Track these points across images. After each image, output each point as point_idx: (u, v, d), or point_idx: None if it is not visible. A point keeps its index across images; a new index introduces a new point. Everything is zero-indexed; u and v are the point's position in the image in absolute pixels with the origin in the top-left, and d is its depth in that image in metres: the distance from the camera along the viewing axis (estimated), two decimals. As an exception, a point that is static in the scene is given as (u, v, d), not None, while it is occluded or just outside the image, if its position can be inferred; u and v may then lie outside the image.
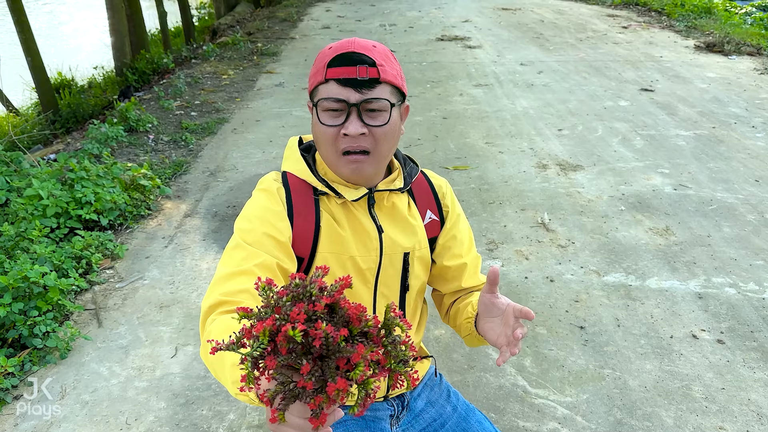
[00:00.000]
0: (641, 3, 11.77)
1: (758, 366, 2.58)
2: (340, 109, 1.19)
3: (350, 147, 1.21)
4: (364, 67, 1.17)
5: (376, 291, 1.37)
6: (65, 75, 9.91)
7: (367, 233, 1.32)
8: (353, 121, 1.18)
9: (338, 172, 1.27)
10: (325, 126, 1.20)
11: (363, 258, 1.32)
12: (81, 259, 3.26)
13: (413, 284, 1.43)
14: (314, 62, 1.26)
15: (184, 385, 2.51)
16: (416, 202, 1.42)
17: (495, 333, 1.21)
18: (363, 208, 1.33)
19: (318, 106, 1.21)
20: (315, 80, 1.23)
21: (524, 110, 5.82)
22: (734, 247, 3.47)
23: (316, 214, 1.29)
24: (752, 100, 6.07)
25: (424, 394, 1.59)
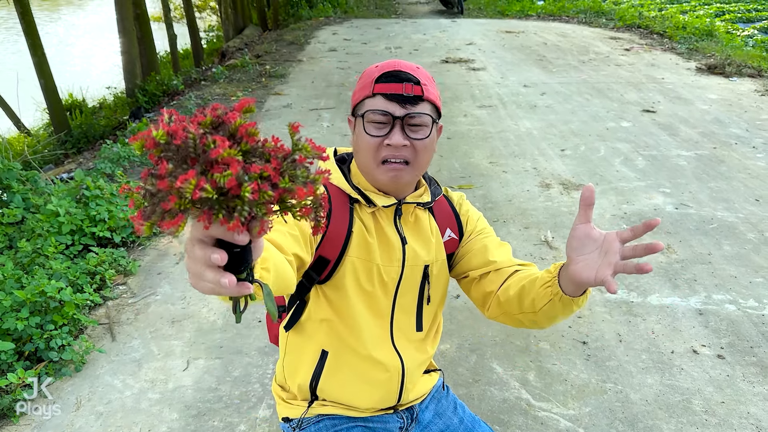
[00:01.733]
0: (643, 26, 11.94)
1: (757, 380, 2.63)
2: (385, 121, 1.26)
3: (391, 156, 1.27)
4: (410, 84, 1.26)
5: (395, 302, 1.43)
6: (76, 96, 10.11)
7: (391, 244, 1.38)
8: (396, 133, 1.26)
9: (376, 180, 1.32)
10: (370, 136, 1.27)
11: (386, 267, 1.38)
12: (95, 274, 3.35)
13: (432, 296, 1.48)
14: (360, 79, 1.35)
15: (195, 397, 2.57)
16: (437, 221, 1.48)
17: (592, 268, 1.09)
18: (389, 219, 1.39)
19: (364, 117, 1.28)
20: (361, 94, 1.31)
21: (527, 131, 5.92)
22: (734, 264, 3.53)
23: (350, 220, 1.34)
24: (753, 121, 6.15)
25: (432, 407, 1.64)
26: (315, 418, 1.49)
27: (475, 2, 16.99)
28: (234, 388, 2.63)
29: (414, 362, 1.48)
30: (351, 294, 1.36)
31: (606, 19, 13.18)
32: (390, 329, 1.44)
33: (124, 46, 8.05)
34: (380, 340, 1.43)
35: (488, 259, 1.44)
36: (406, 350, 1.47)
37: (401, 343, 1.46)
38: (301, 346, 1.47)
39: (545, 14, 14.33)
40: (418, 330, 1.50)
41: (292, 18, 14.25)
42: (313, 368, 1.45)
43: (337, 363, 1.43)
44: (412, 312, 1.47)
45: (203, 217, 0.58)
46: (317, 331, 1.43)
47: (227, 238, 0.64)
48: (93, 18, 22.44)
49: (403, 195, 1.39)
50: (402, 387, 1.47)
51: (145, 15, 8.71)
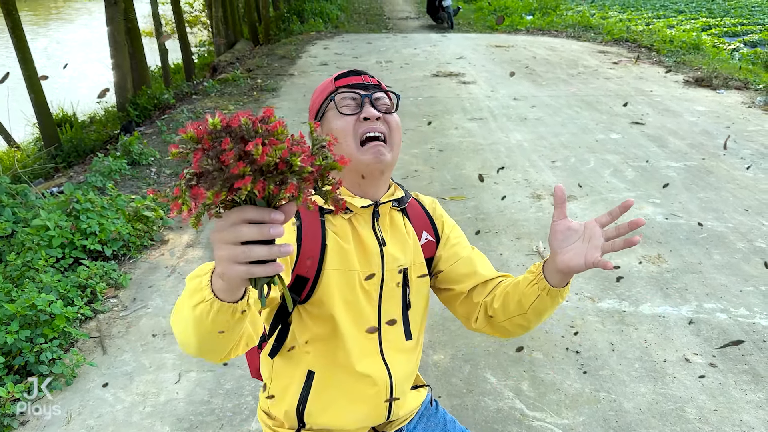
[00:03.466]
0: (631, 40, 12.08)
1: (750, 388, 2.64)
2: (354, 103, 1.31)
3: (369, 130, 1.29)
4: (367, 76, 1.36)
5: (380, 307, 1.39)
6: (66, 111, 10.08)
7: (369, 248, 1.35)
8: (368, 107, 1.30)
9: (360, 162, 1.29)
10: (345, 115, 1.30)
11: (366, 273, 1.35)
12: (86, 287, 3.32)
13: (414, 302, 1.44)
14: (316, 91, 1.40)
15: (187, 410, 2.55)
16: (412, 223, 1.46)
17: (580, 255, 1.15)
18: (367, 222, 1.36)
19: (335, 101, 1.31)
20: (323, 95, 1.35)
21: (518, 143, 5.96)
22: (725, 273, 3.56)
23: (322, 233, 1.31)
24: (740, 133, 6.22)
25: (421, 425, 1.59)
26: None
27: (465, 17, 17.15)
28: (226, 400, 2.61)
29: (401, 374, 1.44)
30: (335, 307, 1.32)
31: (594, 33, 13.33)
32: (378, 340, 1.40)
33: (115, 61, 8.05)
34: (368, 352, 1.38)
35: (476, 272, 1.44)
36: (395, 362, 1.42)
37: (390, 354, 1.41)
38: (286, 370, 1.41)
39: (534, 29, 14.47)
40: (408, 339, 1.45)
41: (283, 33, 14.31)
42: (300, 391, 1.39)
43: (325, 383, 1.38)
44: (399, 320, 1.43)
45: (258, 186, 0.68)
46: (303, 353, 1.37)
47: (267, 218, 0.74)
48: (83, 33, 22.45)
49: (378, 195, 1.37)
50: (391, 402, 1.42)
51: (136, 30, 8.72)
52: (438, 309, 3.27)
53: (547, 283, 1.25)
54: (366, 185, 1.34)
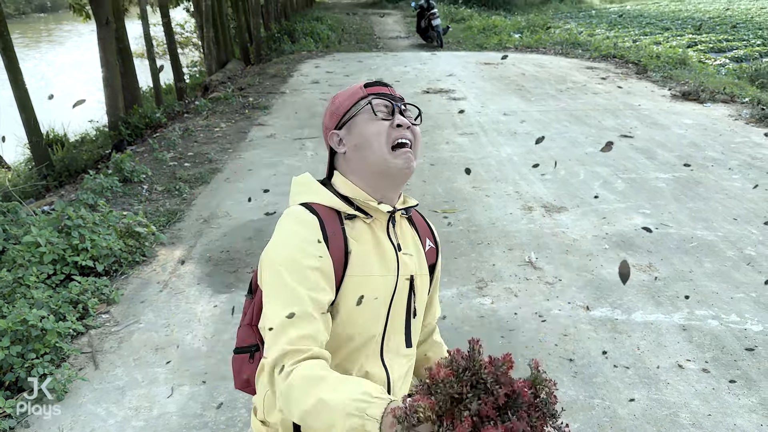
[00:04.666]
0: (618, 56, 12.24)
1: (742, 393, 2.65)
2: (387, 110, 1.35)
3: (401, 137, 1.32)
4: (393, 89, 1.40)
5: (388, 315, 1.39)
6: (57, 131, 10.08)
7: (387, 253, 1.37)
8: (399, 115, 1.34)
9: (391, 166, 1.33)
10: (381, 120, 1.32)
11: (384, 278, 1.35)
12: (78, 303, 3.31)
13: (418, 309, 1.46)
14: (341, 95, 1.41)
15: (181, 423, 2.53)
16: (417, 231, 1.50)
17: None
18: (383, 228, 1.39)
19: (372, 105, 1.34)
20: (352, 100, 1.37)
21: (508, 156, 6.00)
22: (715, 281, 3.58)
23: (345, 241, 1.32)
24: (728, 144, 6.30)
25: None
26: None
27: (454, 36, 17.33)
28: (219, 414, 2.59)
29: (400, 378, 1.45)
30: (347, 314, 1.32)
31: (582, 50, 13.50)
32: (381, 345, 1.40)
33: (107, 80, 8.07)
34: (369, 355, 1.38)
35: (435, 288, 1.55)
36: (394, 365, 1.42)
37: (389, 358, 1.41)
38: None
39: (523, 46, 14.64)
40: (408, 346, 1.46)
41: (275, 52, 14.41)
42: None
43: None
44: (402, 327, 1.44)
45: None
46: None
47: None
48: (75, 54, 22.52)
49: (394, 201, 1.40)
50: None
51: (127, 50, 8.76)
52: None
53: None
54: (386, 189, 1.37)
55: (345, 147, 1.37)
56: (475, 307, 3.36)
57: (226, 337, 3.13)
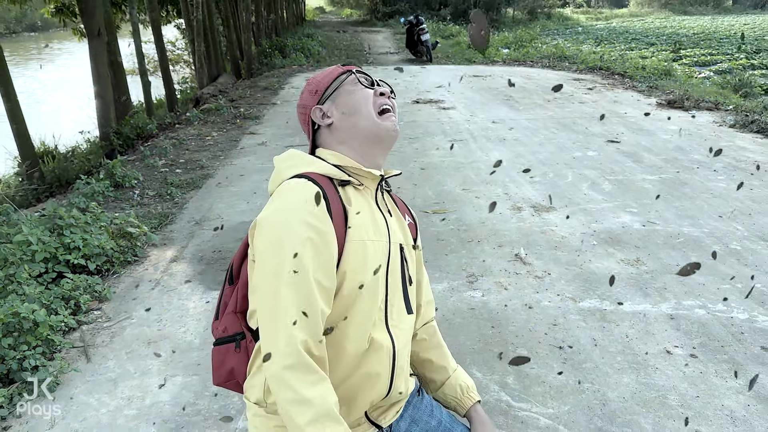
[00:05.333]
0: (605, 68, 12.42)
1: (730, 376, 2.69)
2: (368, 82, 1.45)
3: (385, 103, 1.41)
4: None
5: (387, 279, 1.40)
6: (48, 144, 10.07)
7: (377, 219, 1.40)
8: (380, 85, 1.45)
9: (380, 128, 1.39)
10: (366, 87, 1.42)
11: (376, 243, 1.37)
12: (70, 299, 3.31)
13: (413, 277, 1.50)
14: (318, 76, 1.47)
15: (174, 412, 2.54)
16: (397, 205, 1.53)
17: None
18: (372, 196, 1.42)
19: (357, 75, 1.44)
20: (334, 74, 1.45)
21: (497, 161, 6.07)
22: (702, 274, 3.63)
23: (342, 206, 1.33)
24: (713, 148, 6.39)
25: (407, 414, 1.60)
26: None
27: (443, 52, 17.53)
28: (213, 402, 2.60)
29: (404, 345, 1.46)
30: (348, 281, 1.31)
31: (569, 62, 13.70)
32: (385, 313, 1.41)
33: (98, 92, 8.11)
34: (375, 323, 1.38)
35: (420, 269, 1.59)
36: (398, 333, 1.44)
37: (393, 326, 1.42)
38: None
39: (510, 60, 14.83)
40: (409, 313, 1.48)
41: (266, 67, 14.52)
42: None
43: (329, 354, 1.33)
44: (401, 294, 1.46)
45: None
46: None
47: None
48: (66, 72, 22.55)
49: (381, 166, 1.46)
50: (393, 371, 1.42)
51: (119, 62, 8.83)
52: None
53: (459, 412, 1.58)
54: (375, 155, 1.42)
55: (331, 118, 1.41)
56: (466, 300, 3.40)
57: (219, 330, 3.13)
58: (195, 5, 11.89)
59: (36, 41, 36.00)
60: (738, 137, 6.93)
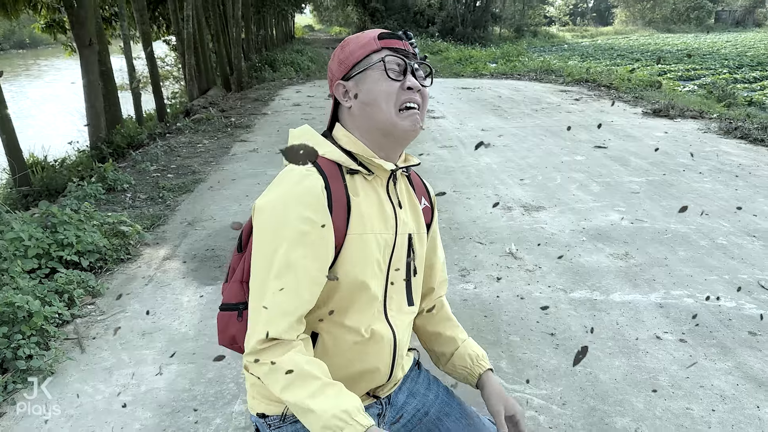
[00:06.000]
0: (591, 80, 12.61)
1: (719, 359, 2.74)
2: (399, 69, 1.30)
3: (410, 100, 1.28)
4: (408, 42, 1.33)
5: (388, 273, 1.39)
6: (37, 156, 10.04)
7: (386, 210, 1.36)
8: (411, 78, 1.29)
9: (398, 127, 1.30)
10: (392, 80, 1.28)
11: (382, 236, 1.35)
12: (63, 293, 3.31)
13: (418, 268, 1.47)
14: (351, 42, 1.34)
15: (169, 397, 2.54)
16: (414, 189, 1.50)
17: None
18: (383, 185, 1.38)
19: (385, 63, 1.28)
20: (364, 51, 1.31)
21: (487, 165, 6.15)
22: (690, 266, 3.70)
23: (347, 196, 1.31)
24: (698, 153, 6.52)
25: (405, 387, 1.61)
26: (292, 418, 1.41)
27: (431, 65, 17.71)
28: (208, 387, 2.61)
29: (404, 336, 1.46)
30: (351, 273, 1.30)
31: (556, 75, 13.90)
32: (384, 304, 1.40)
33: (89, 101, 8.12)
34: (375, 314, 1.38)
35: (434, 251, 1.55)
36: (399, 323, 1.43)
37: (393, 317, 1.42)
38: None
39: (498, 73, 15.02)
40: (410, 305, 1.48)
41: (256, 80, 14.61)
42: None
43: (330, 344, 1.36)
44: (402, 285, 1.45)
45: None
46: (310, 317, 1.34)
47: None
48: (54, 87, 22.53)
49: (396, 160, 1.39)
50: (394, 361, 1.43)
51: (110, 72, 8.85)
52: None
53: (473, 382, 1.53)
54: (389, 148, 1.34)
55: (351, 101, 1.33)
56: (459, 292, 3.43)
57: (214, 321, 3.15)
58: (185, 19, 11.98)
59: (24, 58, 35.97)
60: (722, 143, 7.06)
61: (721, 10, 56.96)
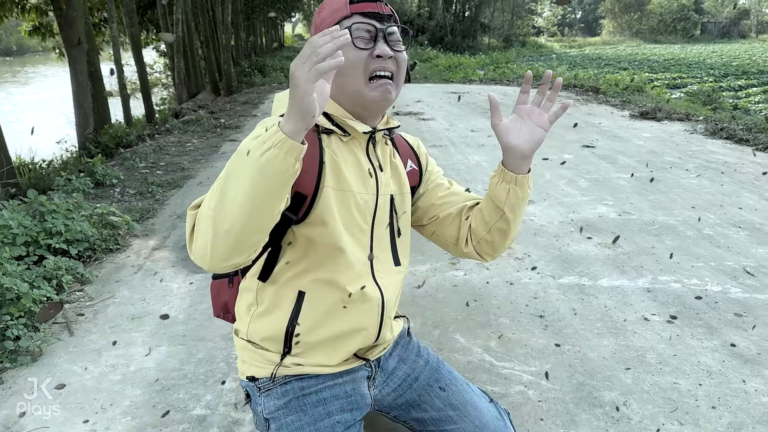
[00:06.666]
0: (579, 85, 12.73)
1: (706, 338, 2.77)
2: (368, 36, 1.27)
3: (379, 69, 1.26)
4: (382, 4, 1.30)
5: (372, 233, 1.40)
6: (24, 158, 9.98)
7: (365, 171, 1.36)
8: (382, 44, 1.26)
9: (366, 98, 1.29)
10: (358, 49, 1.25)
11: (362, 195, 1.35)
12: (52, 279, 3.29)
13: (403, 229, 1.49)
14: (324, 8, 1.33)
15: (159, 376, 2.53)
16: (398, 152, 1.51)
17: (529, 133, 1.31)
18: (362, 147, 1.38)
19: (351, 31, 1.25)
20: (336, 16, 1.29)
21: (477, 163, 6.19)
22: (677, 254, 3.74)
23: (320, 150, 1.30)
24: (685, 152, 6.59)
25: (396, 353, 1.65)
26: (282, 379, 1.44)
27: (421, 73, 17.82)
28: (199, 367, 2.60)
29: (392, 296, 1.46)
30: (331, 227, 1.31)
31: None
32: (370, 264, 1.41)
33: (77, 101, 8.10)
34: (361, 274, 1.38)
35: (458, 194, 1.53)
36: (387, 284, 1.44)
37: (381, 277, 1.43)
38: (275, 293, 1.39)
39: (487, 80, 15.13)
40: (396, 265, 1.49)
41: (245, 85, 14.62)
42: (290, 313, 1.37)
43: (316, 303, 1.37)
44: (388, 246, 1.46)
45: None
46: (294, 274, 1.36)
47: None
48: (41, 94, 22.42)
49: (375, 123, 1.39)
50: (382, 322, 1.44)
51: (98, 72, 8.83)
52: (407, 283, 3.35)
53: (512, 173, 1.36)
54: (363, 116, 1.34)
55: None
56: (449, 278, 3.45)
57: (204, 306, 3.14)
58: (175, 22, 11.99)
59: (11, 65, 35.80)
60: (708, 143, 7.15)
61: (707, 21, 57.76)
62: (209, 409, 2.30)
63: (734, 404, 2.28)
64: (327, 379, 1.45)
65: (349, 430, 1.48)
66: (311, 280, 1.35)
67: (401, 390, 1.62)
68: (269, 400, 1.45)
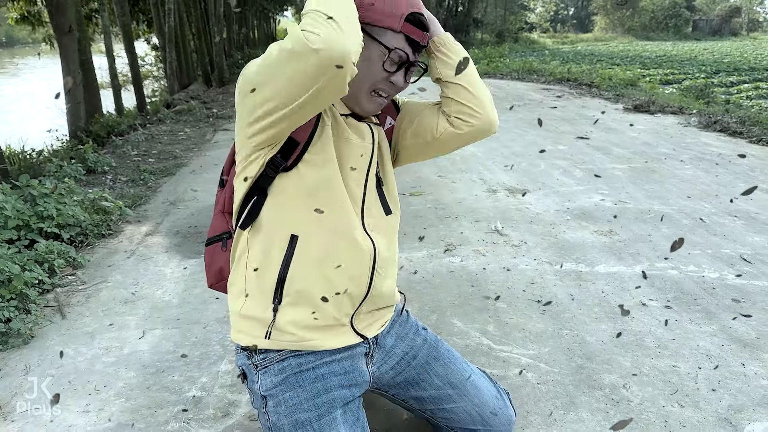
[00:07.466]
0: (572, 79, 12.73)
1: (704, 322, 2.76)
2: (397, 64, 1.34)
3: (385, 90, 1.37)
4: (426, 35, 1.38)
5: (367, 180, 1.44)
6: (14, 148, 9.87)
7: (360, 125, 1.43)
8: (401, 75, 1.36)
9: (361, 104, 1.39)
10: (384, 71, 1.33)
11: (360, 143, 1.41)
12: (44, 262, 3.24)
13: (385, 180, 1.53)
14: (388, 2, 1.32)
15: (153, 359, 2.50)
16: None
17: None
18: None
19: (390, 53, 1.32)
20: (388, 23, 1.31)
21: (472, 153, 6.16)
22: (673, 241, 3.72)
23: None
24: (679, 143, 6.60)
25: (393, 331, 1.64)
26: (278, 356, 1.43)
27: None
28: (194, 349, 2.57)
29: (384, 248, 1.47)
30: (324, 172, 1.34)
31: (537, 75, 14.00)
32: (361, 213, 1.43)
33: (68, 89, 8.01)
34: (353, 223, 1.40)
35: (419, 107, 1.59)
36: (378, 237, 1.45)
37: (371, 227, 1.45)
38: (265, 239, 1.39)
39: (481, 72, 15.10)
40: (388, 213, 1.51)
41: (237, 76, 14.53)
42: (282, 258, 1.37)
43: (309, 246, 1.36)
44: (376, 195, 1.49)
45: None
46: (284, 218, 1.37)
47: None
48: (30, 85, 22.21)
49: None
50: (373, 271, 1.44)
51: (90, 61, 8.74)
52: (402, 269, 3.32)
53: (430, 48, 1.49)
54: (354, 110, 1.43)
55: None
56: (445, 264, 3.43)
57: (198, 290, 3.11)
58: (167, 13, 11.88)
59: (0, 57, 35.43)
60: (702, 135, 7.16)
61: (698, 18, 57.97)
62: (205, 390, 2.27)
63: (734, 387, 2.27)
64: (325, 356, 1.45)
65: (348, 406, 1.47)
66: (308, 222, 1.36)
67: (400, 368, 1.61)
68: (266, 377, 1.43)
